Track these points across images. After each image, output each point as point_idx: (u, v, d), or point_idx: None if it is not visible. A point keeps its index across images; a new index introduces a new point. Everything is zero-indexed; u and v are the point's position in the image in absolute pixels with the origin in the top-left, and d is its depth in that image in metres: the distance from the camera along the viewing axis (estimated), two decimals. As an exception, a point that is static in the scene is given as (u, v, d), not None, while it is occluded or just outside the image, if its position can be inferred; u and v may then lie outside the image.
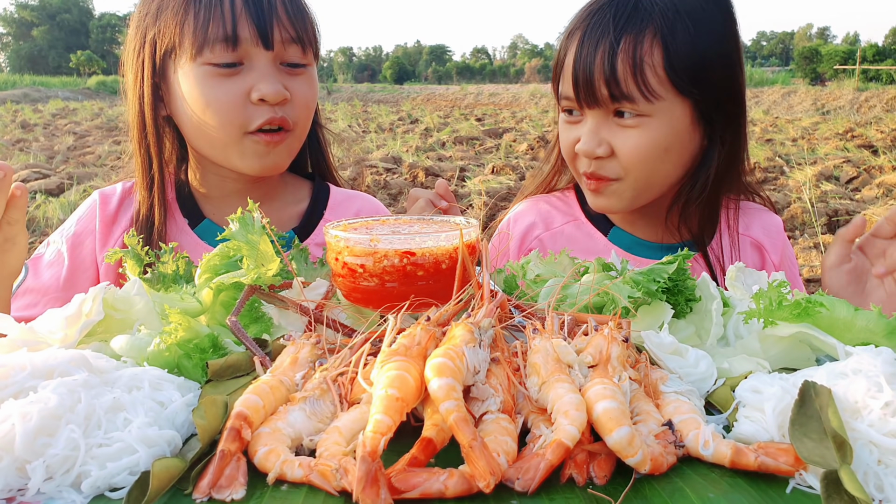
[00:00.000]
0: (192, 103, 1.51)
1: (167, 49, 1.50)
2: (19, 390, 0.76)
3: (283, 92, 1.50)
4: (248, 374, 0.94)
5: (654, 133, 1.47)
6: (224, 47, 1.46)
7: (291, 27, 1.51)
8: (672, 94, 1.46)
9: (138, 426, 0.73)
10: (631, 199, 1.57)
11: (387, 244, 1.02)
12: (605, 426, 0.73)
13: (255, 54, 1.49)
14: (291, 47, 1.52)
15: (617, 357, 0.84)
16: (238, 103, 1.49)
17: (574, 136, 1.55)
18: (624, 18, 1.45)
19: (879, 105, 22.37)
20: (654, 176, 1.53)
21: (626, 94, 1.44)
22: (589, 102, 1.49)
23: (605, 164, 1.52)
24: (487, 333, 0.85)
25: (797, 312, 0.92)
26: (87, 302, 1.02)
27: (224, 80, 1.48)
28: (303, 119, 1.60)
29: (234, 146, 1.53)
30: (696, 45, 1.45)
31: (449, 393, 0.72)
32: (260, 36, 1.47)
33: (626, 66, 1.43)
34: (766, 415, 0.77)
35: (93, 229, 1.64)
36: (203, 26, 1.45)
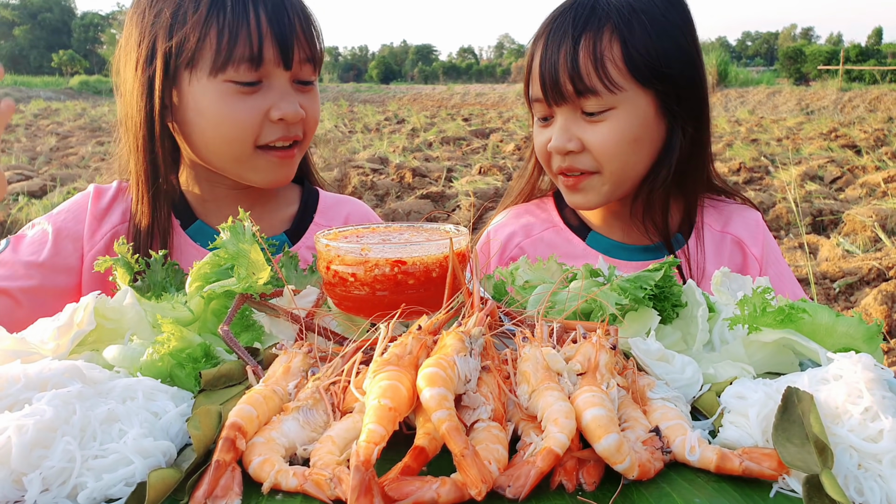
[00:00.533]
0: (208, 117, 1.50)
1: (185, 60, 1.48)
2: (14, 402, 0.77)
3: (301, 112, 1.54)
4: (240, 384, 0.95)
5: (621, 124, 1.54)
6: (248, 67, 1.47)
7: (308, 47, 1.54)
8: (634, 86, 1.54)
9: (133, 437, 0.74)
10: (608, 193, 1.62)
11: (378, 253, 1.04)
12: (593, 433, 0.74)
13: (275, 74, 1.51)
14: (305, 66, 1.56)
15: (605, 364, 0.85)
16: (257, 121, 1.51)
17: (546, 138, 1.62)
18: (583, 19, 1.54)
19: (862, 105, 22.61)
20: (627, 167, 1.59)
21: (590, 87, 1.52)
22: (556, 100, 1.56)
23: (577, 158, 1.59)
24: (478, 342, 0.86)
25: (781, 318, 0.94)
26: (79, 311, 1.02)
27: (244, 98, 1.49)
28: (311, 131, 1.64)
29: (246, 161, 1.55)
30: (653, 40, 1.54)
31: (441, 402, 0.73)
32: (282, 57, 1.49)
33: (587, 60, 1.52)
34: (750, 420, 0.79)
35: (82, 219, 1.63)
36: (228, 44, 1.45)
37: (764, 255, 1.72)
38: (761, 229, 1.75)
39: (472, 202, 8.22)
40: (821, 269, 5.66)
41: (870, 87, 26.34)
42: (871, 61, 38.59)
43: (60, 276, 1.56)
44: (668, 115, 1.59)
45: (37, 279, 1.53)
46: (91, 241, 1.61)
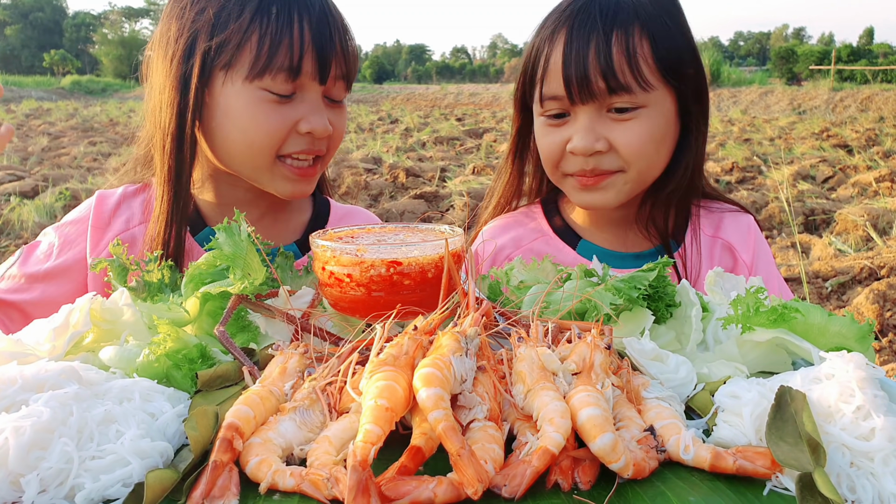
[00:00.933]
0: (236, 121, 1.49)
1: (224, 62, 1.46)
2: (11, 403, 0.77)
3: (329, 127, 1.53)
4: (236, 384, 0.95)
5: (650, 123, 1.52)
6: (286, 77, 1.46)
7: (345, 64, 1.53)
8: (661, 85, 1.53)
9: (131, 438, 0.74)
10: (627, 192, 1.59)
11: (373, 254, 1.04)
12: (589, 433, 0.75)
13: (310, 87, 1.50)
14: (339, 83, 1.55)
15: (600, 364, 0.86)
16: (284, 132, 1.50)
17: (561, 138, 1.56)
18: (611, 15, 1.50)
19: (854, 105, 22.73)
20: (651, 167, 1.58)
21: (624, 85, 1.48)
22: (584, 97, 1.51)
23: (602, 159, 1.54)
24: (474, 342, 0.87)
25: (774, 318, 0.95)
26: (75, 313, 1.02)
27: (276, 108, 1.48)
28: (334, 148, 1.63)
29: (266, 169, 1.54)
30: (674, 39, 1.54)
31: (437, 402, 0.74)
32: (319, 71, 1.48)
33: (621, 57, 1.48)
34: (744, 419, 0.79)
35: (85, 230, 1.63)
36: (269, 51, 1.44)
37: (754, 260, 1.71)
38: (753, 234, 1.75)
39: (465, 202, 8.23)
40: (813, 269, 5.69)
41: (861, 86, 26.48)
42: (863, 61, 38.78)
43: (65, 286, 1.57)
44: (684, 114, 1.58)
45: (38, 291, 1.55)
46: (95, 251, 1.60)
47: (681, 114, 1.58)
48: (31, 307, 1.52)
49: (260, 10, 1.45)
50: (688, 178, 1.62)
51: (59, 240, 1.61)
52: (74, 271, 1.60)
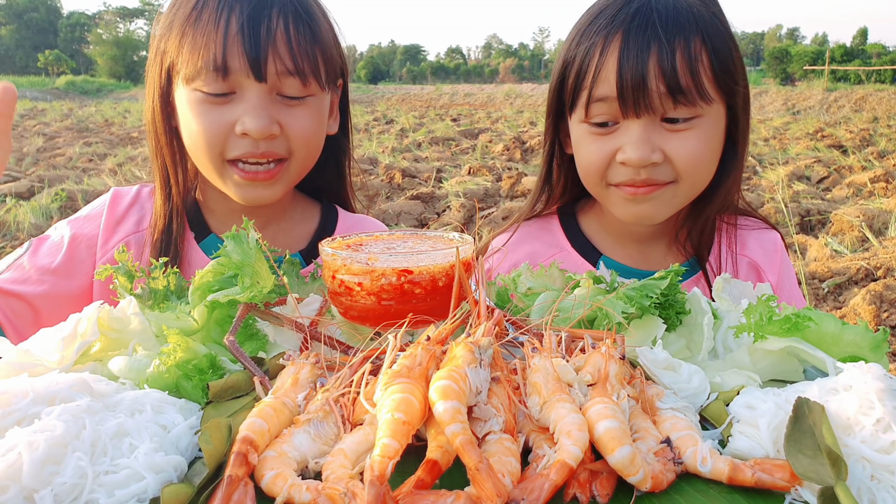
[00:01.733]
0: (184, 125, 1.50)
1: (170, 66, 1.48)
2: (23, 417, 0.76)
3: (270, 128, 1.44)
4: (247, 395, 0.94)
5: (706, 135, 1.47)
6: (214, 76, 1.41)
7: (290, 59, 1.43)
8: (718, 96, 1.48)
9: (145, 452, 0.74)
10: (676, 206, 1.54)
11: (384, 262, 1.03)
12: (606, 446, 0.74)
13: (247, 85, 1.43)
14: (288, 80, 1.45)
15: (615, 375, 0.85)
16: (222, 133, 1.46)
17: (609, 149, 1.49)
18: (671, 22, 1.44)
19: (848, 105, 22.81)
20: (703, 180, 1.53)
21: (687, 95, 1.42)
22: (637, 108, 1.43)
23: (657, 170, 1.48)
24: (487, 352, 0.86)
25: (787, 327, 0.95)
26: (83, 321, 1.01)
27: (213, 108, 1.45)
28: (302, 150, 1.53)
29: (217, 173, 1.51)
30: (730, 50, 1.49)
31: (454, 416, 0.73)
32: (251, 68, 1.41)
33: (684, 67, 1.42)
34: (760, 431, 0.79)
35: (98, 224, 1.63)
36: (197, 51, 1.41)
37: (780, 282, 1.67)
38: (779, 254, 1.71)
39: (461, 203, 8.22)
40: (809, 270, 5.70)
41: (855, 87, 26.59)
42: (857, 61, 38.92)
43: (74, 281, 1.57)
44: (731, 127, 1.54)
45: (48, 284, 1.53)
46: (104, 248, 1.61)
47: (729, 126, 1.53)
48: (39, 300, 1.51)
49: (194, 11, 1.43)
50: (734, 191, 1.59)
51: (71, 233, 1.61)
52: (86, 266, 1.59)
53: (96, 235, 1.62)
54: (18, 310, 1.49)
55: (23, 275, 1.53)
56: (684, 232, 1.64)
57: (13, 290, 1.49)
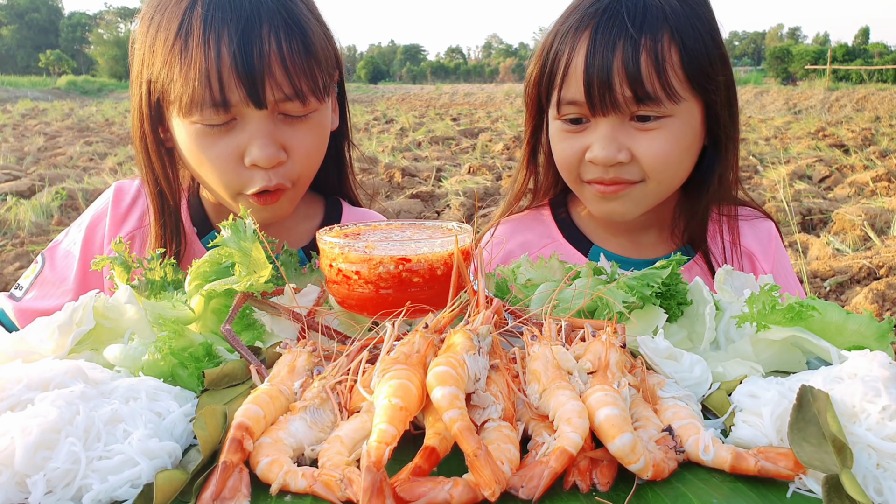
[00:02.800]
0: (188, 157, 1.43)
1: (161, 95, 1.39)
2: (16, 403, 0.75)
3: (278, 155, 1.38)
4: (243, 383, 0.93)
5: (675, 135, 1.44)
6: (214, 111, 1.33)
7: (288, 84, 1.36)
8: (689, 95, 1.44)
9: (139, 438, 0.73)
10: (646, 204, 1.53)
11: (382, 251, 1.02)
12: (607, 433, 0.73)
13: (248, 114, 1.36)
14: (288, 104, 1.38)
15: (616, 363, 0.84)
16: (232, 165, 1.39)
17: (579, 146, 1.48)
18: (640, 18, 1.41)
19: (850, 104, 22.79)
20: (673, 179, 1.51)
21: (652, 95, 1.39)
22: (604, 107, 1.42)
23: (624, 169, 1.46)
24: (486, 340, 0.85)
25: (790, 316, 0.93)
26: (78, 310, 1.00)
27: (217, 139, 1.37)
28: (305, 172, 1.48)
29: (231, 201, 1.46)
30: (705, 45, 1.45)
31: (452, 402, 0.72)
32: (250, 98, 1.33)
33: (649, 66, 1.39)
34: (764, 419, 0.78)
35: (104, 225, 1.64)
36: (190, 87, 1.32)
37: (775, 270, 1.66)
38: (774, 242, 1.70)
39: (461, 201, 8.21)
40: (811, 268, 5.69)
41: (857, 86, 26.56)
42: (858, 61, 38.89)
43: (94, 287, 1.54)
44: (710, 124, 1.50)
45: (72, 294, 1.55)
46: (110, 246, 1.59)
47: (709, 123, 1.50)
48: None
49: (178, 38, 1.33)
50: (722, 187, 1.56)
51: (83, 237, 1.62)
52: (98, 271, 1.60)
53: (103, 234, 1.63)
54: None
55: (48, 290, 1.55)
56: (680, 222, 1.62)
57: (40, 307, 1.51)
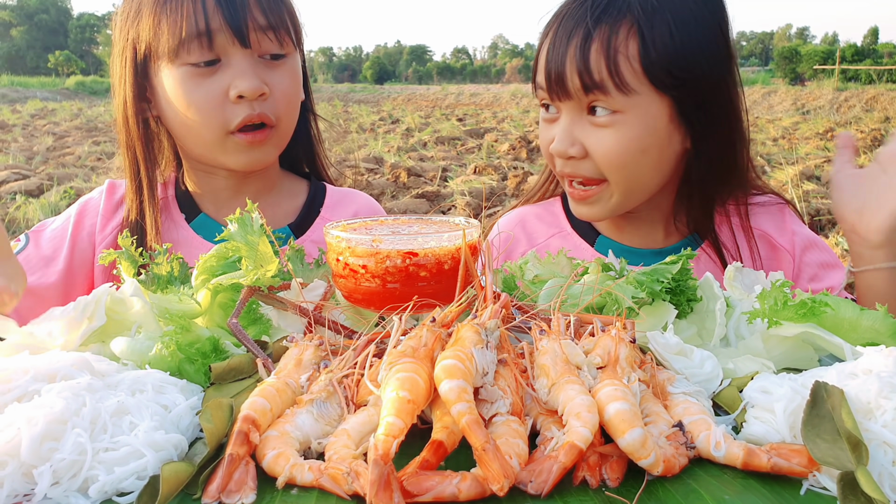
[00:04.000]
0: (175, 104, 1.50)
1: (146, 52, 1.50)
2: (22, 394, 0.75)
3: (261, 87, 1.49)
4: (250, 377, 0.93)
5: (628, 132, 1.40)
6: (199, 45, 1.45)
7: (263, 16, 1.49)
8: (648, 90, 1.39)
9: (145, 430, 0.72)
10: (617, 205, 1.50)
11: (389, 244, 1.01)
12: (617, 428, 0.72)
13: (232, 52, 1.48)
14: (266, 38, 1.51)
15: (625, 358, 0.83)
16: (218, 102, 1.48)
17: (550, 136, 1.49)
18: (600, 9, 1.39)
19: (859, 105, 22.67)
20: (635, 178, 1.46)
21: (599, 84, 1.37)
22: (560, 95, 1.43)
23: (580, 165, 1.45)
24: (494, 334, 0.84)
25: (803, 312, 0.92)
26: (90, 306, 1.00)
27: (203, 80, 1.48)
28: (285, 113, 1.58)
29: (218, 145, 1.53)
30: (677, 41, 1.38)
31: (460, 395, 0.71)
32: (233, 30, 1.46)
33: (599, 55, 1.37)
34: (776, 415, 0.77)
35: (96, 213, 1.66)
36: (177, 27, 1.44)
37: (795, 242, 1.62)
38: (787, 216, 1.65)
39: (467, 201, 8.20)
40: (820, 269, 5.64)
41: (866, 86, 26.43)
42: (868, 61, 38.71)
43: (80, 270, 1.59)
44: (685, 123, 1.44)
45: (59, 274, 1.55)
46: (101, 235, 1.63)
47: (684, 122, 1.44)
48: (47, 290, 1.53)
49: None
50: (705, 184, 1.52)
51: (74, 220, 1.63)
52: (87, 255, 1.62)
53: (94, 223, 1.65)
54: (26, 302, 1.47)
55: (30, 267, 1.54)
56: (681, 215, 1.61)
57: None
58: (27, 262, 1.55)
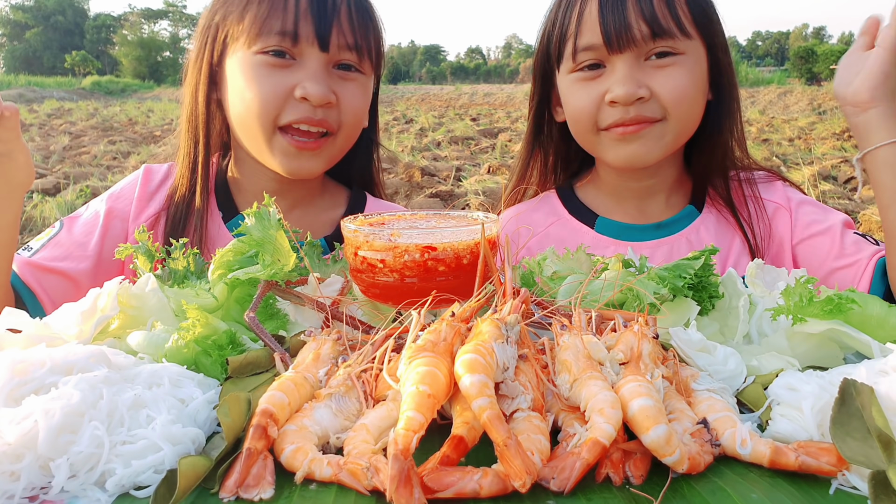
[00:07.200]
0: (238, 90, 1.51)
1: (227, 35, 1.52)
2: (39, 386, 0.74)
3: (329, 95, 1.49)
4: (267, 371, 0.92)
5: (690, 70, 1.52)
6: (281, 39, 1.46)
7: (351, 34, 1.50)
8: (696, 34, 1.53)
9: (162, 423, 0.71)
10: (666, 145, 1.56)
11: (407, 238, 1.00)
12: (641, 424, 0.71)
13: (309, 54, 1.49)
14: (347, 53, 1.52)
15: (648, 354, 0.82)
16: (280, 95, 1.48)
17: (597, 93, 1.53)
18: None
19: (875, 106, 22.39)
20: (691, 117, 1.56)
21: (667, 30, 1.49)
22: (622, 44, 1.49)
23: (644, 107, 1.52)
24: (514, 329, 0.83)
25: (829, 309, 0.90)
26: (102, 297, 1.00)
27: (274, 72, 1.48)
28: (349, 124, 1.57)
29: (265, 140, 1.53)
30: None
31: (482, 390, 0.70)
32: (318, 36, 1.47)
33: (661, 3, 1.49)
34: (804, 413, 0.75)
35: (131, 200, 1.65)
36: (263, 16, 1.46)
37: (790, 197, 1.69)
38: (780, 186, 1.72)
39: (480, 201, 8.18)
40: (837, 270, 5.58)
41: (883, 87, 26.09)
42: (884, 62, 38.23)
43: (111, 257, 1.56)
44: (714, 70, 1.58)
45: (91, 260, 1.54)
46: (135, 223, 1.62)
47: (712, 71, 1.58)
48: (83, 277, 1.51)
49: None
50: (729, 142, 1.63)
51: (106, 208, 1.62)
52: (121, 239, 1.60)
53: (129, 211, 1.63)
54: (60, 286, 1.48)
55: (63, 252, 1.52)
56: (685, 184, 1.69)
57: (54, 266, 1.48)
58: (60, 246, 1.54)
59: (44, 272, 1.47)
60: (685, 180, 1.74)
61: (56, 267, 1.48)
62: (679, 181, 1.72)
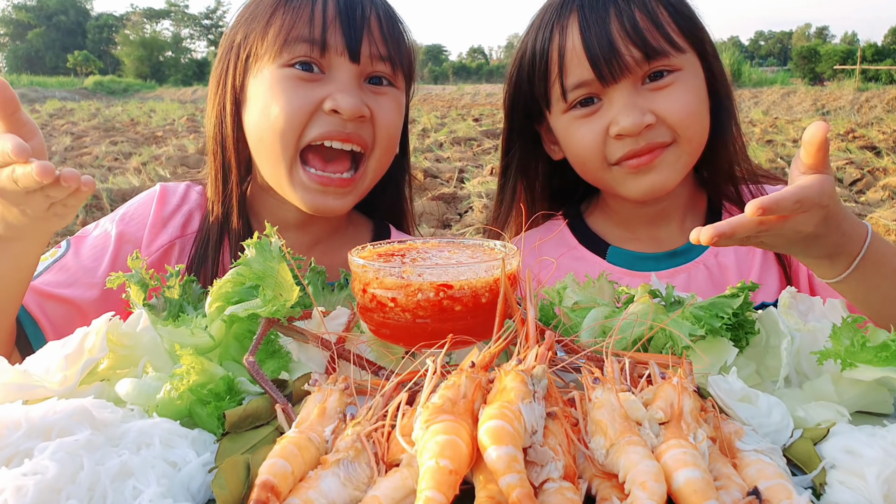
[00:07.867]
0: (263, 106, 1.39)
1: (249, 53, 1.42)
2: (14, 453, 0.67)
3: (362, 108, 1.37)
4: (268, 424, 0.84)
5: (691, 86, 1.46)
6: (308, 49, 1.36)
7: (383, 44, 1.41)
8: (689, 48, 1.47)
9: (150, 498, 0.64)
10: (683, 167, 1.48)
11: (421, 276, 0.92)
12: (688, 499, 0.63)
13: (339, 65, 1.38)
14: (380, 64, 1.42)
15: (690, 412, 0.74)
16: (307, 110, 1.37)
17: (600, 127, 1.45)
18: None
19: (880, 105, 22.30)
20: (699, 134, 1.49)
21: (659, 49, 1.41)
22: (615, 74, 1.41)
23: (653, 132, 1.44)
24: (542, 384, 0.75)
25: (885, 356, 0.82)
26: (90, 336, 0.92)
27: (301, 85, 1.37)
28: (384, 143, 1.45)
29: (286, 168, 1.40)
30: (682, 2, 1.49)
31: (510, 465, 0.62)
32: (347, 46, 1.37)
33: (646, 22, 1.42)
34: (867, 482, 0.67)
35: (144, 224, 1.53)
36: (289, 27, 1.37)
37: None
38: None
39: (484, 203, 8.10)
40: (847, 276, 5.50)
41: (887, 87, 26.01)
42: (888, 61, 38.21)
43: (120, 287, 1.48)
44: (710, 77, 1.51)
45: (99, 288, 1.42)
46: (148, 250, 1.50)
47: (708, 79, 1.51)
48: (90, 306, 1.39)
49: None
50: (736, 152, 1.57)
51: (117, 231, 1.50)
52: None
53: (142, 236, 1.51)
54: (64, 314, 1.37)
55: (69, 277, 1.42)
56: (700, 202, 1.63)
57: (59, 293, 1.38)
58: (66, 271, 1.43)
59: (47, 299, 1.36)
60: (699, 196, 1.67)
61: (61, 294, 1.38)
62: (693, 198, 1.65)
